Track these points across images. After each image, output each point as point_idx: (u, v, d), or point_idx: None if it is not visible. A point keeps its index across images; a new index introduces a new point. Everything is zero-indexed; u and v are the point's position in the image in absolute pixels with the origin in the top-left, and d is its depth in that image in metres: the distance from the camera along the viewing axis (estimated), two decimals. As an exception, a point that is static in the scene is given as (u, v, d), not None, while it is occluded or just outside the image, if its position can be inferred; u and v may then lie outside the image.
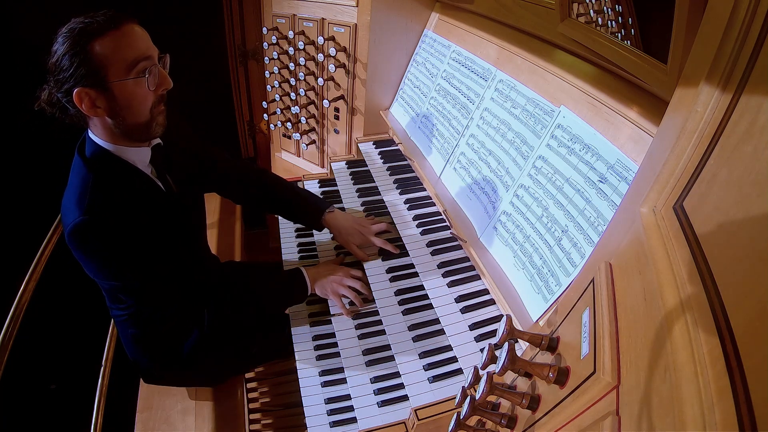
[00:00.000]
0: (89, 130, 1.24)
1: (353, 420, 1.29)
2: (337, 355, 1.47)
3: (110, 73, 1.13)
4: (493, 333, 1.30)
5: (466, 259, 1.49)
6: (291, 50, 2.20)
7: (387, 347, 1.40)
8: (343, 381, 1.39)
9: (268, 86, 2.43)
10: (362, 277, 1.58)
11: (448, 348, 1.32)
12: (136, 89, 1.17)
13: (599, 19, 1.19)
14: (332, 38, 2.01)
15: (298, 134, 2.37)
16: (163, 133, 1.35)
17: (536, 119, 1.34)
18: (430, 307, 1.41)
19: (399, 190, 1.79)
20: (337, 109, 2.16)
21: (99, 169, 1.23)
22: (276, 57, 2.28)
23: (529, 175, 1.31)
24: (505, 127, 1.44)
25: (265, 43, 2.28)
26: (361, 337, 1.47)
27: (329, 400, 1.37)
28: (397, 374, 1.33)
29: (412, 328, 1.40)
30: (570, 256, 1.14)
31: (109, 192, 1.21)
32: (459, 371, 1.27)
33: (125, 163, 1.27)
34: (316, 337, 1.55)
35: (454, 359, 1.30)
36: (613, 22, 1.15)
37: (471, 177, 1.54)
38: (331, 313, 1.55)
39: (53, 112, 1.19)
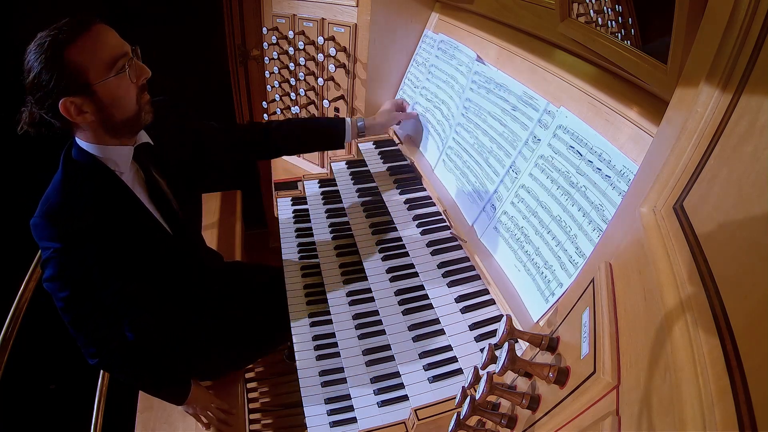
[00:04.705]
0: (75, 136, 1.24)
1: (353, 420, 1.29)
2: (337, 355, 1.47)
3: (91, 76, 1.12)
4: (493, 333, 1.30)
5: (466, 259, 1.49)
6: (291, 50, 2.20)
7: (387, 347, 1.40)
8: (343, 381, 1.39)
9: (268, 86, 2.43)
10: (224, 417, 1.63)
11: (448, 348, 1.32)
12: (120, 85, 1.17)
13: (599, 19, 1.19)
14: (332, 38, 2.01)
15: (298, 134, 2.37)
16: (154, 130, 1.35)
17: (537, 120, 1.34)
18: (430, 307, 1.41)
19: (399, 190, 1.79)
20: (337, 109, 2.16)
21: (73, 172, 1.23)
22: (276, 57, 2.29)
23: (530, 174, 1.31)
24: (505, 127, 1.44)
25: (265, 43, 2.28)
26: (361, 337, 1.47)
27: (329, 400, 1.37)
28: (397, 374, 1.33)
29: (412, 328, 1.40)
30: (571, 257, 1.14)
31: (72, 200, 1.21)
32: (459, 371, 1.27)
33: (104, 170, 1.26)
34: (316, 337, 1.55)
35: (454, 359, 1.30)
36: (613, 22, 1.15)
37: (471, 177, 1.54)
38: (332, 312, 1.55)
39: (39, 131, 1.18)
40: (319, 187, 2.06)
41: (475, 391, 0.77)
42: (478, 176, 1.51)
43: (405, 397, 1.28)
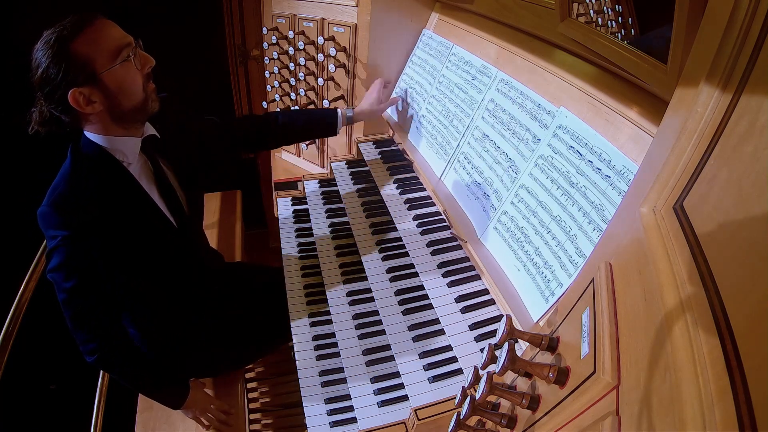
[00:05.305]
0: (84, 129, 1.26)
1: (353, 420, 1.30)
2: (337, 355, 1.47)
3: (97, 65, 1.15)
4: (493, 333, 1.30)
5: (466, 259, 1.49)
6: (291, 50, 2.20)
7: (387, 347, 1.41)
8: (343, 381, 1.39)
9: (268, 86, 2.43)
10: (224, 418, 1.62)
11: (448, 348, 1.32)
12: (126, 73, 1.20)
13: (599, 19, 1.19)
14: (332, 38, 2.01)
15: (298, 134, 2.37)
16: (158, 123, 1.37)
17: (537, 119, 1.34)
18: (430, 307, 1.41)
19: (399, 190, 1.79)
20: (337, 109, 2.16)
21: (81, 165, 1.25)
22: (276, 57, 2.28)
23: (530, 174, 1.31)
24: (505, 128, 1.44)
25: (265, 43, 2.28)
26: (361, 337, 1.47)
27: (329, 400, 1.37)
28: (397, 374, 1.33)
29: (412, 328, 1.40)
30: (571, 257, 1.14)
31: (80, 189, 1.23)
32: (459, 371, 1.27)
33: (112, 161, 1.27)
34: (316, 337, 1.55)
35: (454, 359, 1.30)
36: (613, 22, 1.15)
37: (471, 177, 1.54)
38: (332, 312, 1.55)
39: (49, 129, 1.21)
40: (319, 186, 2.06)
41: (475, 391, 0.77)
42: (487, 178, 1.52)
43: (405, 397, 1.28)
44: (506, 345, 0.72)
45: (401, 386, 1.30)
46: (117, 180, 1.29)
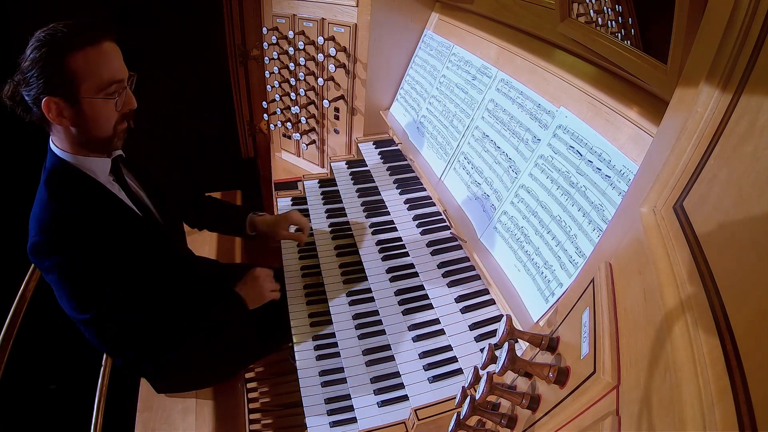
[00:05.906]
0: (50, 139, 1.25)
1: (353, 420, 1.29)
2: (337, 355, 1.47)
3: (82, 88, 1.13)
4: (493, 333, 1.30)
5: (466, 259, 1.49)
6: (291, 50, 2.20)
7: (387, 347, 1.40)
8: (343, 381, 1.39)
9: (268, 86, 2.43)
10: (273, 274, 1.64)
11: (448, 348, 1.32)
12: (104, 108, 1.18)
13: (599, 19, 1.19)
14: (332, 38, 2.01)
15: (298, 134, 2.37)
16: (129, 149, 1.36)
17: (537, 119, 1.34)
18: (430, 307, 1.41)
19: (399, 190, 1.79)
20: (337, 109, 2.16)
21: (56, 186, 1.23)
22: (276, 57, 2.29)
23: (530, 174, 1.31)
24: (505, 128, 1.44)
25: (265, 43, 2.28)
26: (361, 337, 1.47)
27: (329, 400, 1.37)
28: (397, 374, 1.33)
29: (412, 328, 1.40)
30: (571, 257, 1.14)
31: (63, 211, 1.21)
32: (459, 371, 1.27)
33: (83, 176, 1.26)
34: (316, 337, 1.55)
35: (454, 359, 1.30)
36: (613, 22, 1.15)
37: (471, 177, 1.54)
38: (331, 312, 1.55)
39: (14, 107, 1.17)
40: (319, 186, 2.06)
41: (475, 391, 0.77)
42: (487, 178, 1.52)
43: (405, 397, 1.28)
44: (506, 345, 0.72)
45: (401, 386, 1.30)
46: (91, 192, 1.27)
